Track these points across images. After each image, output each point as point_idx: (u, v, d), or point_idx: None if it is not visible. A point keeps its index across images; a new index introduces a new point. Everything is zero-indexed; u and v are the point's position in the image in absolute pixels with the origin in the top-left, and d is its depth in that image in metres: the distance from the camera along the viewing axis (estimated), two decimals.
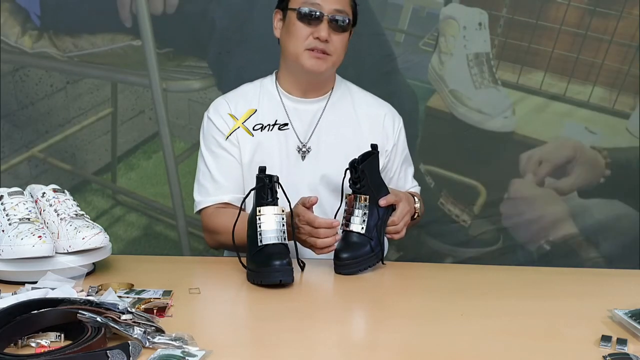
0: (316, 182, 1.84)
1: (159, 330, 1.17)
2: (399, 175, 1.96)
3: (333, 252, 1.65)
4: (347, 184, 1.69)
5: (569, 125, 2.62)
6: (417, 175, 2.05)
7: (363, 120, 1.92)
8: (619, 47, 2.57)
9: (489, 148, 2.63)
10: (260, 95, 1.90)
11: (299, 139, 1.88)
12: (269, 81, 1.93)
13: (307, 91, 1.89)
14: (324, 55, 1.79)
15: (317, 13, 1.77)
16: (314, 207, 1.66)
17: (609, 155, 2.61)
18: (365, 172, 1.65)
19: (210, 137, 1.88)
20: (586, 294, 1.57)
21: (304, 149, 1.87)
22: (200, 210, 1.87)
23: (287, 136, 1.87)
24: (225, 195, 1.80)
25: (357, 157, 1.67)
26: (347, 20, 1.80)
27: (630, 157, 2.60)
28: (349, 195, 1.68)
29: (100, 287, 1.43)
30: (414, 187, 2.00)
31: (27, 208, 1.54)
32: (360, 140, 1.82)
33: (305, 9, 1.78)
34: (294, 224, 1.64)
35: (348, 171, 1.67)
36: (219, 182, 1.85)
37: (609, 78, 2.60)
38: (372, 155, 1.69)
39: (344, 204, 1.70)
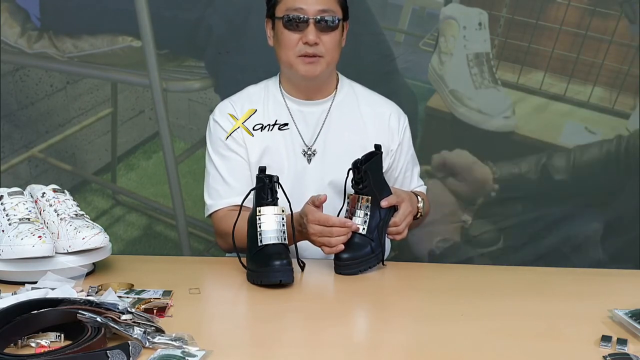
0: (323, 185, 1.84)
1: (159, 330, 1.17)
2: (405, 174, 1.96)
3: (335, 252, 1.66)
4: (349, 184, 1.69)
5: (569, 125, 2.62)
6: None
7: (368, 121, 1.91)
8: (619, 47, 2.57)
9: (489, 148, 2.63)
10: (265, 98, 1.90)
11: (304, 142, 1.88)
12: (272, 83, 1.92)
13: (310, 94, 1.89)
14: (316, 58, 1.79)
15: (302, 17, 1.77)
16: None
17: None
18: (368, 172, 1.64)
19: (217, 140, 1.87)
20: (586, 294, 1.57)
21: (309, 152, 1.87)
22: (211, 214, 1.86)
23: (293, 139, 1.87)
24: (238, 197, 1.76)
25: (360, 158, 1.66)
26: (336, 20, 1.79)
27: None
28: (351, 195, 1.68)
29: (100, 287, 1.43)
30: (419, 186, 1.99)
31: (27, 208, 1.54)
32: (366, 141, 1.80)
33: (290, 16, 1.77)
34: (294, 226, 1.64)
35: (351, 171, 1.67)
36: (230, 184, 1.84)
37: (609, 78, 2.60)
38: (375, 155, 1.69)
39: (346, 204, 1.70)
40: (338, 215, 1.71)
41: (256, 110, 1.89)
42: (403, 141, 1.94)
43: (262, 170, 1.61)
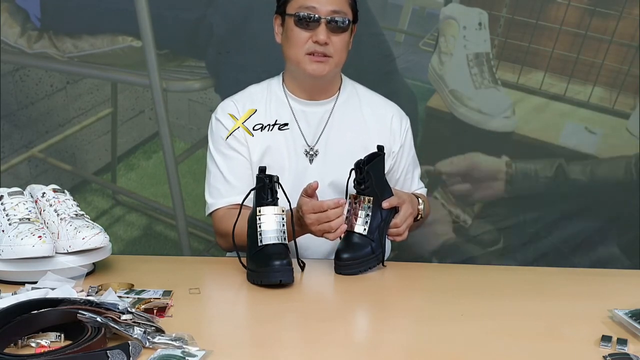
0: (324, 185, 1.84)
1: (159, 330, 1.18)
2: (406, 176, 1.96)
3: (334, 252, 1.66)
4: (351, 184, 1.69)
5: (569, 125, 2.62)
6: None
7: (370, 122, 1.91)
8: (619, 47, 2.57)
9: (489, 148, 2.63)
10: (268, 97, 1.90)
11: (306, 142, 1.88)
12: (275, 83, 1.92)
13: (314, 94, 1.89)
14: (325, 58, 1.79)
15: (314, 17, 1.77)
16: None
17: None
18: (370, 173, 1.64)
19: (219, 139, 1.88)
20: (586, 294, 1.57)
21: (311, 152, 1.87)
22: (211, 213, 1.86)
23: (294, 139, 1.87)
24: (238, 196, 1.75)
25: (362, 158, 1.67)
26: (346, 21, 1.80)
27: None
28: (353, 195, 1.68)
29: (100, 287, 1.43)
30: (420, 188, 2.00)
31: (27, 208, 1.54)
32: (368, 142, 1.80)
33: (302, 14, 1.77)
34: (294, 224, 1.64)
35: (353, 172, 1.67)
36: (231, 182, 1.84)
37: (609, 78, 2.60)
38: (378, 156, 1.69)
39: (347, 204, 1.70)
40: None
41: (256, 110, 1.89)
42: (405, 143, 1.95)
43: (262, 170, 1.61)
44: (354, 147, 1.82)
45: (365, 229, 1.64)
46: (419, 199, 1.84)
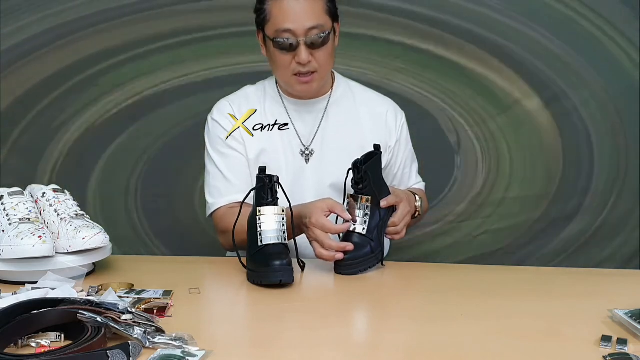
0: (321, 185, 1.84)
1: (159, 330, 1.18)
2: (403, 171, 1.97)
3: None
4: (349, 184, 1.69)
5: None
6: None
7: (365, 119, 1.91)
8: None
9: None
10: (263, 98, 1.90)
11: (301, 141, 1.88)
12: (269, 84, 1.93)
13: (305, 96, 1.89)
14: (310, 76, 1.79)
15: (292, 40, 1.75)
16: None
17: None
18: (368, 172, 1.64)
19: (216, 138, 1.88)
20: (586, 294, 1.57)
21: (307, 152, 1.87)
22: (213, 213, 1.86)
23: (290, 139, 1.87)
24: (238, 194, 1.76)
25: (360, 158, 1.67)
26: (326, 33, 1.76)
27: None
28: (351, 195, 1.68)
29: (100, 287, 1.43)
30: (418, 183, 2.00)
31: (27, 208, 1.55)
32: (364, 140, 1.81)
33: (280, 39, 1.75)
34: (293, 224, 1.64)
35: (351, 171, 1.67)
36: (231, 181, 1.85)
37: None
38: (375, 155, 1.69)
39: (345, 204, 1.70)
40: (337, 217, 1.70)
41: (256, 110, 1.89)
42: (401, 138, 1.95)
43: (262, 170, 1.61)
44: (350, 146, 1.82)
45: (364, 229, 1.64)
46: (417, 196, 1.84)
